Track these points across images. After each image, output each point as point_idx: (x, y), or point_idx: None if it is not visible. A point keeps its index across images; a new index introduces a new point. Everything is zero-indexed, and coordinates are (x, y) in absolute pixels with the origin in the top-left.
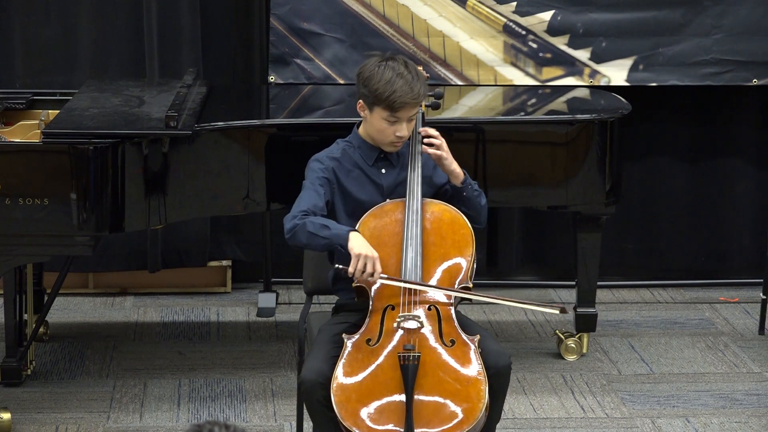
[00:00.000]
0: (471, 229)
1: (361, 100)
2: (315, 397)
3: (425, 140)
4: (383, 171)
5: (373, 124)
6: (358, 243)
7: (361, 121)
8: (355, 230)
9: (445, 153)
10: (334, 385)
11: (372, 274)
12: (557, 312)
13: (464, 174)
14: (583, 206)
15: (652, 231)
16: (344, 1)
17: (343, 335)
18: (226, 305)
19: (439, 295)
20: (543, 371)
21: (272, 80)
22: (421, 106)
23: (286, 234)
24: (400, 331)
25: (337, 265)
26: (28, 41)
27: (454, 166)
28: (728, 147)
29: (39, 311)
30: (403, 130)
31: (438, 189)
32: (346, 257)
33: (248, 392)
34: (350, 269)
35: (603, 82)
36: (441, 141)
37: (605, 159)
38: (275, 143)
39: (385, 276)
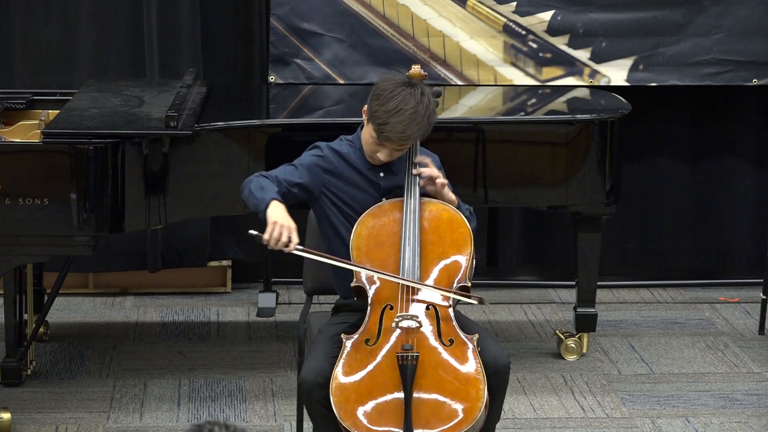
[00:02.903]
0: (469, 228)
1: (366, 106)
2: (315, 398)
3: (423, 175)
4: (381, 174)
5: (365, 134)
6: (275, 212)
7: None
8: (278, 199)
9: (441, 186)
10: (333, 385)
11: (287, 244)
12: (476, 303)
13: (458, 201)
14: (583, 206)
15: (652, 231)
16: (344, 1)
17: (342, 335)
18: (226, 305)
19: (436, 295)
20: (543, 371)
21: (272, 80)
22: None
23: (242, 185)
24: (399, 331)
25: (251, 231)
26: (28, 41)
27: (450, 196)
28: (728, 147)
29: (39, 311)
30: (385, 156)
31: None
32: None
33: (248, 392)
34: (265, 236)
35: (603, 82)
36: (440, 180)
37: (605, 159)
38: (275, 143)
39: (301, 247)
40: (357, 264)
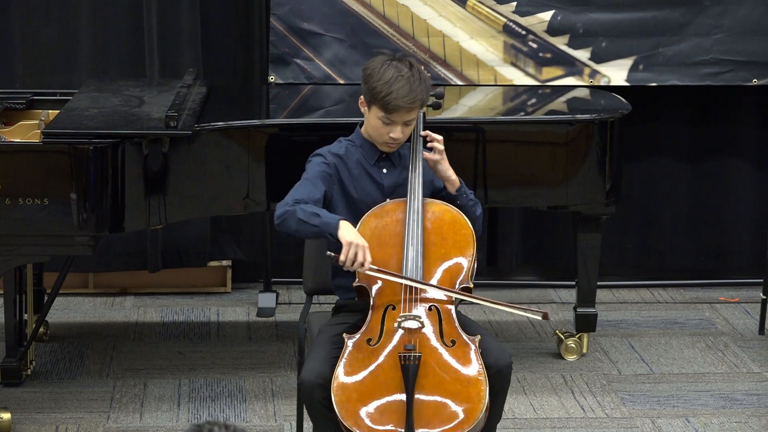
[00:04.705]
0: (472, 229)
1: (362, 96)
2: (315, 399)
3: (428, 144)
4: (384, 171)
5: (370, 122)
6: (348, 232)
7: (363, 121)
8: (345, 219)
9: (442, 159)
10: (334, 384)
11: (362, 264)
12: (539, 318)
13: (460, 182)
14: (583, 206)
15: (652, 231)
16: (344, 1)
17: (344, 335)
18: (226, 305)
19: (438, 294)
20: (543, 371)
21: (272, 80)
22: (422, 109)
23: (275, 220)
24: (401, 331)
25: (328, 252)
26: (28, 41)
27: (450, 173)
28: (728, 147)
29: (39, 311)
30: (398, 133)
31: (438, 193)
32: (336, 247)
33: (248, 392)
34: (341, 257)
35: (603, 82)
36: (442, 147)
37: (605, 159)
38: (275, 143)
39: (375, 267)
40: (435, 285)
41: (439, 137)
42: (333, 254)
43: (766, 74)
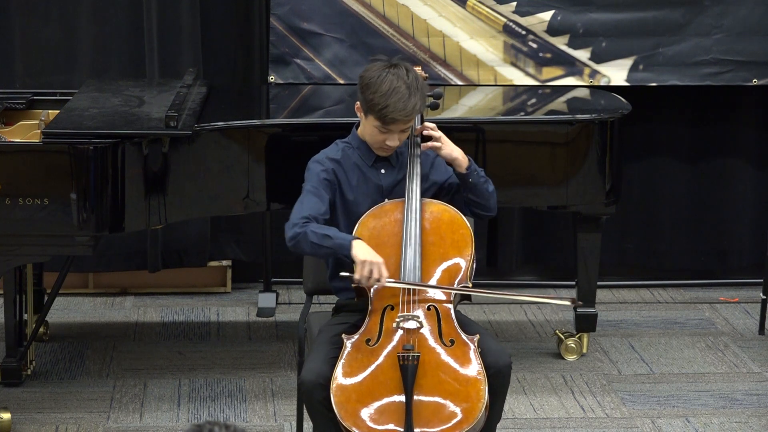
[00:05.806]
0: (470, 229)
1: (358, 102)
2: (315, 398)
3: (424, 133)
4: (382, 171)
5: (367, 129)
6: (362, 250)
7: (359, 122)
8: (358, 238)
9: (441, 144)
10: (333, 385)
11: (378, 280)
12: (569, 303)
13: (469, 160)
14: (583, 206)
15: (652, 231)
16: (344, 1)
17: (343, 335)
18: (226, 305)
19: (439, 295)
20: (543, 371)
21: (272, 80)
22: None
23: (288, 242)
24: (400, 331)
25: (342, 273)
26: (28, 41)
27: (456, 153)
28: (728, 147)
29: (39, 311)
30: (394, 140)
31: (436, 186)
32: (347, 262)
33: (248, 392)
34: (356, 276)
35: (603, 82)
36: (438, 134)
37: (605, 159)
38: (275, 143)
39: (392, 280)
40: (451, 287)
41: (431, 124)
42: (348, 274)
43: (766, 74)
